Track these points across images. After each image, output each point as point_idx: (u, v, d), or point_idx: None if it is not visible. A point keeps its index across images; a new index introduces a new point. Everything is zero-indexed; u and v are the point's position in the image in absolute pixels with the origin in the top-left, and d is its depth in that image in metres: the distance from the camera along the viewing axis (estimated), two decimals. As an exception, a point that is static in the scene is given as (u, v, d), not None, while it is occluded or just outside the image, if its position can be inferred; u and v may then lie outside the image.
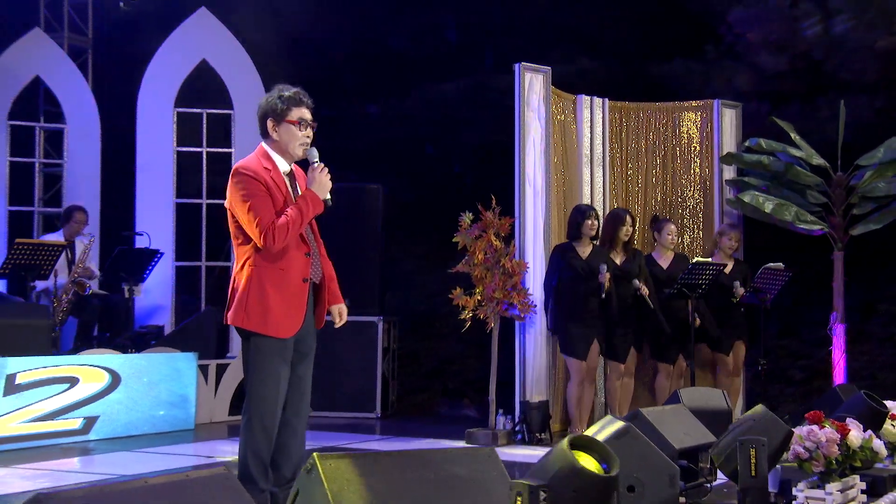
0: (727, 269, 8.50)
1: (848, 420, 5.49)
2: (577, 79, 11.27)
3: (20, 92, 11.18)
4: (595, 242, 8.00)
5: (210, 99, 10.68)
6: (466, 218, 7.80)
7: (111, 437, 7.90)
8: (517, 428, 7.85)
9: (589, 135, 8.99)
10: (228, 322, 4.58)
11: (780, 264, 8.46)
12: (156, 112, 10.66)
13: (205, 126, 10.70)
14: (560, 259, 7.88)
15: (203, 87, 10.68)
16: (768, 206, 8.83)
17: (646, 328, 8.24)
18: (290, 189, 4.56)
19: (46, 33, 12.52)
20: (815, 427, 5.08)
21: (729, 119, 9.34)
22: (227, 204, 4.53)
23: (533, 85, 8.27)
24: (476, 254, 7.73)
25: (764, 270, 8.27)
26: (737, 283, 8.19)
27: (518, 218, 8.10)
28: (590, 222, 7.91)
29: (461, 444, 7.73)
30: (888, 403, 6.35)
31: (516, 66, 8.21)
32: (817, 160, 8.99)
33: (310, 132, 4.62)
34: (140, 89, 10.79)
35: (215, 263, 10.65)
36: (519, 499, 3.08)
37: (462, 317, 7.82)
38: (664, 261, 8.45)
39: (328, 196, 4.58)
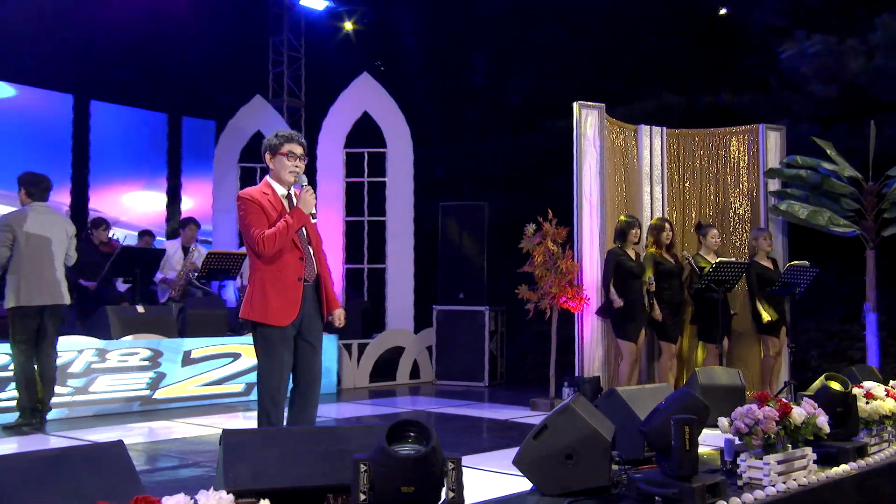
0: (769, 266, 7.76)
1: (805, 399, 4.81)
2: (663, 111, 10.60)
3: (247, 142, 11.60)
4: (636, 246, 7.41)
5: (370, 141, 10.69)
6: (530, 228, 7.42)
7: (269, 398, 7.95)
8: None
9: (649, 158, 8.37)
10: (240, 316, 4.43)
11: (805, 262, 7.57)
12: (330, 152, 10.76)
13: (366, 162, 10.70)
14: (616, 261, 7.30)
15: (365, 132, 10.70)
16: (803, 213, 7.97)
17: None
18: (286, 208, 4.36)
19: (273, 98, 13.01)
20: (754, 406, 4.44)
21: (773, 140, 8.47)
22: (238, 223, 4.40)
23: (588, 119, 7.75)
24: (536, 257, 7.32)
25: (789, 267, 7.42)
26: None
27: (576, 227, 7.61)
28: (634, 230, 7.34)
29: (526, 409, 7.36)
30: (865, 384, 5.55)
31: (574, 104, 7.71)
32: (850, 172, 8.04)
33: (299, 163, 4.41)
34: (319, 136, 10.94)
35: (375, 265, 10.62)
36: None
37: (526, 307, 7.45)
38: (711, 258, 7.74)
39: (313, 210, 4.35)
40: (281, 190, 4.41)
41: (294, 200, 4.43)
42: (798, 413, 4.51)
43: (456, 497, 2.84)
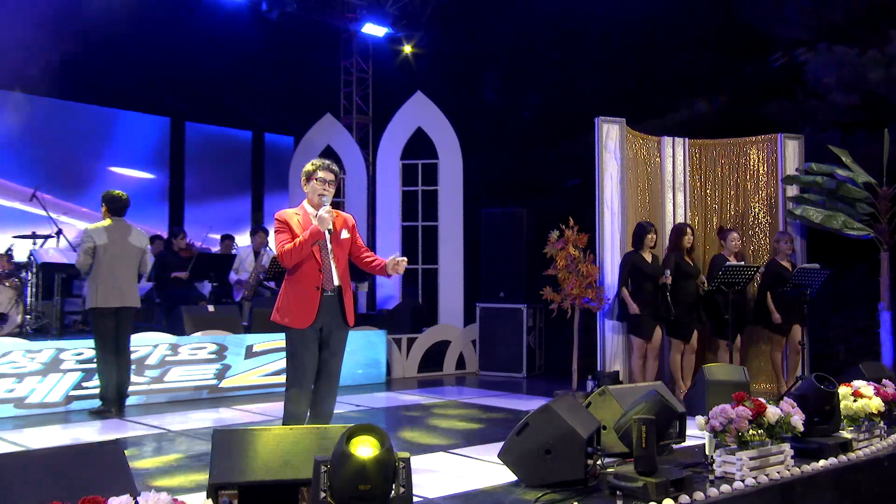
0: (787, 267, 7.55)
1: (785, 398, 4.71)
2: (696, 121, 10.42)
3: (318, 155, 11.80)
4: (653, 250, 7.31)
5: (423, 153, 10.81)
6: (553, 234, 7.39)
7: (323, 387, 8.11)
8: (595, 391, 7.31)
9: (671, 167, 8.24)
10: (270, 319, 4.62)
11: (816, 265, 7.35)
12: (388, 164, 10.92)
13: (420, 172, 10.82)
14: (631, 263, 7.25)
15: (419, 145, 10.82)
16: (817, 218, 7.72)
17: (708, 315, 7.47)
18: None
19: (343, 114, 13.25)
20: (727, 406, 4.38)
21: (792, 148, 8.22)
22: None
23: (610, 132, 7.67)
24: (559, 261, 7.30)
25: (799, 270, 7.21)
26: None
27: (597, 233, 7.56)
28: (650, 235, 7.25)
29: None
30: (855, 383, 5.38)
31: (596, 119, 7.65)
32: (864, 178, 7.75)
33: (328, 187, 4.56)
34: (379, 148, 11.11)
35: (429, 266, 10.74)
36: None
37: (550, 307, 7.44)
38: (731, 260, 7.57)
39: (330, 227, 4.47)
40: (312, 210, 4.56)
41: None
42: (773, 412, 4.43)
43: (406, 492, 2.92)
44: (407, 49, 12.45)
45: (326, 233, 4.49)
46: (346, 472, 2.83)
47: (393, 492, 2.90)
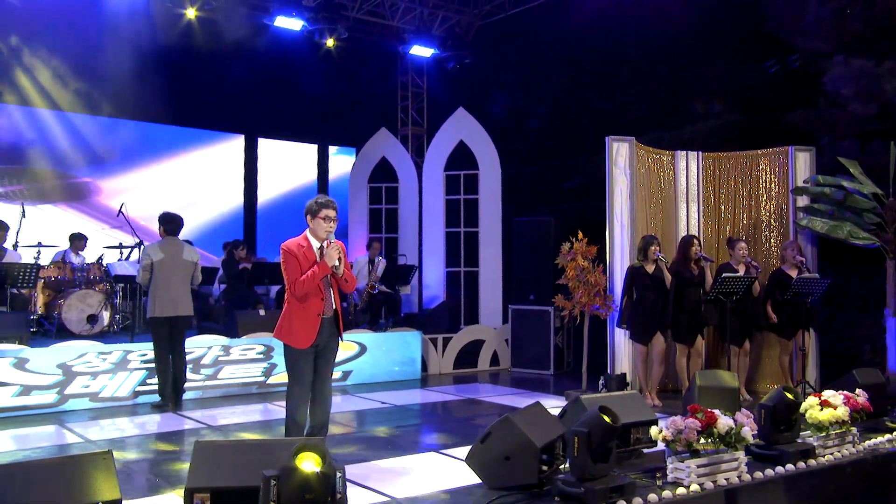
0: (794, 275, 7.51)
1: (742, 410, 4.82)
2: (725, 130, 10.33)
3: (375, 166, 12.18)
4: (657, 262, 7.38)
5: (465, 165, 11.05)
6: (565, 246, 7.56)
7: (361, 384, 8.47)
8: (603, 391, 7.47)
9: (685, 179, 8.27)
10: (273, 335, 5.01)
11: (816, 274, 7.30)
12: (433, 175, 11.22)
13: (462, 182, 11.08)
14: (632, 276, 7.36)
15: (461, 157, 11.07)
16: (823, 228, 7.64)
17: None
18: (317, 258, 4.82)
19: (399, 127, 13.62)
20: (677, 418, 4.54)
21: (803, 159, 8.12)
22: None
23: (620, 150, 7.77)
24: (569, 271, 7.47)
25: (799, 279, 7.17)
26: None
27: (608, 244, 7.69)
28: (654, 247, 7.31)
29: (562, 399, 7.52)
30: (825, 392, 5.42)
31: (606, 138, 7.77)
32: (870, 189, 7.62)
33: (332, 224, 4.84)
34: (425, 160, 11.42)
35: (470, 269, 11.01)
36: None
37: (562, 314, 7.63)
38: (740, 269, 7.58)
39: (336, 264, 4.78)
40: (315, 243, 4.89)
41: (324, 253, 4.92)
42: (723, 423, 4.55)
43: (341, 497, 3.26)
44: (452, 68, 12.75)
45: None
46: (293, 484, 3.16)
47: (331, 499, 3.24)
